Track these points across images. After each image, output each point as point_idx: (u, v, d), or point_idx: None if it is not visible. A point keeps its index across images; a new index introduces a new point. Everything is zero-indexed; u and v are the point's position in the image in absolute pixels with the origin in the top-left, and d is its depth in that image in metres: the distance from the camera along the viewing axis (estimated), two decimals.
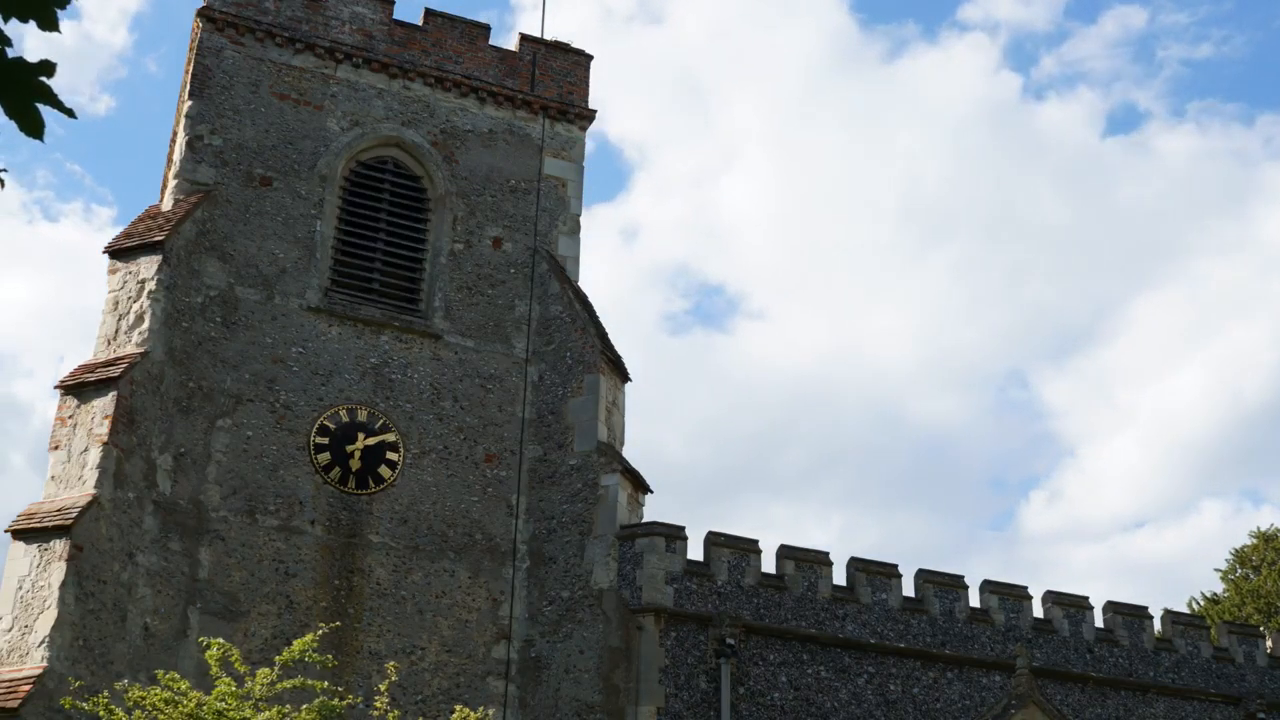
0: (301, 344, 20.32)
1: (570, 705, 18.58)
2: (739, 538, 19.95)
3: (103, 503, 17.11)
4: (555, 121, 23.27)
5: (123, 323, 18.87)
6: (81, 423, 17.79)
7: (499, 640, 19.65)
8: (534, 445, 20.82)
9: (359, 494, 19.83)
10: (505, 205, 22.44)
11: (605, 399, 20.64)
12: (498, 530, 20.28)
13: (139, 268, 19.22)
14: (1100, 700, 21.15)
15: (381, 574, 19.49)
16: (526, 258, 22.15)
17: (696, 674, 18.82)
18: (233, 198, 20.75)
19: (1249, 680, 22.44)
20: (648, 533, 19.35)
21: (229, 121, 21.19)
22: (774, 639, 19.40)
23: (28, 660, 15.93)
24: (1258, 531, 37.61)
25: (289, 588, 18.92)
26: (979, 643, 20.73)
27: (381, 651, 18.75)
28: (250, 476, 19.29)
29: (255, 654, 17.23)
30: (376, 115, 22.24)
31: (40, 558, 16.54)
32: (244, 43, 21.71)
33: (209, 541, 18.69)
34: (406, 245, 21.94)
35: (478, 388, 21.08)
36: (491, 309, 21.67)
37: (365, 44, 22.46)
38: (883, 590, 20.45)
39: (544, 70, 23.53)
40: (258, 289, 20.37)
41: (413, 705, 18.50)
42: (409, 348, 20.95)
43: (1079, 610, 21.81)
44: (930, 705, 19.93)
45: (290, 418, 19.82)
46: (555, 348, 21.40)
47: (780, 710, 19.01)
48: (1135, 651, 21.86)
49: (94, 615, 16.66)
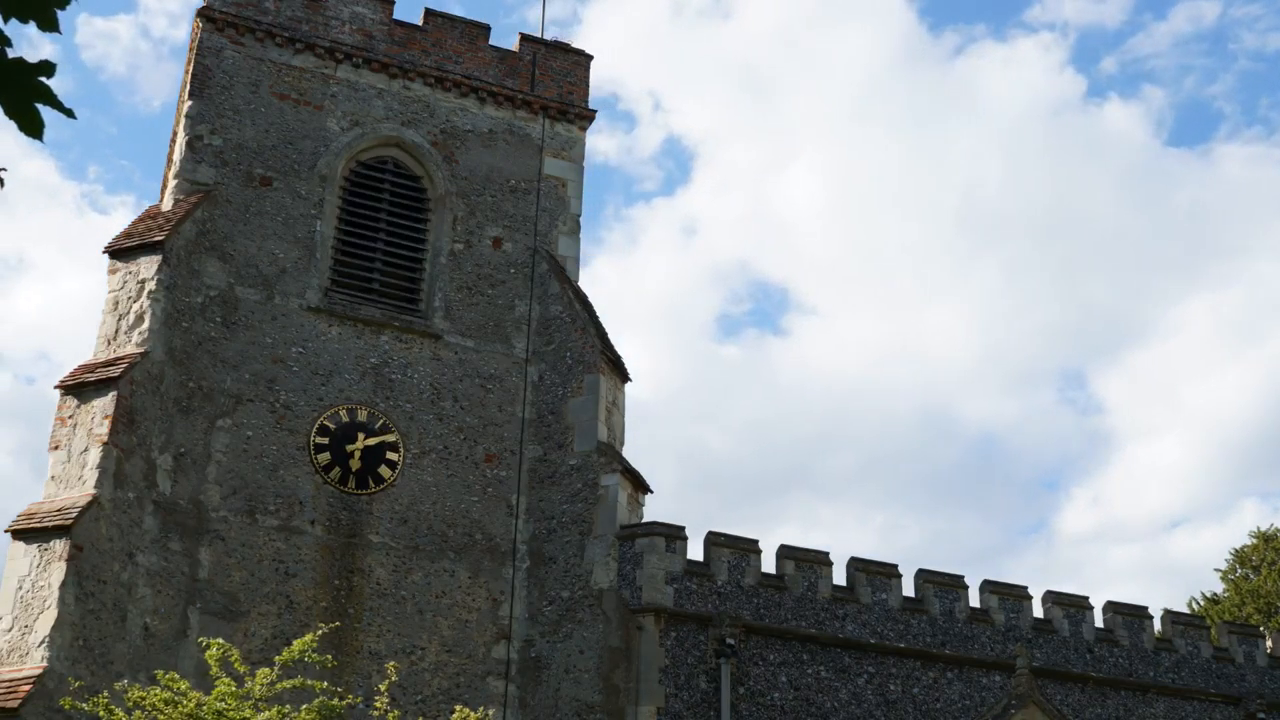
0: (301, 344, 20.32)
1: (570, 705, 18.58)
2: (739, 537, 19.95)
3: (103, 503, 17.11)
4: (555, 121, 23.28)
5: (123, 323, 18.87)
6: (81, 423, 17.79)
7: (499, 640, 19.65)
8: (534, 445, 20.82)
9: (359, 494, 19.84)
10: (505, 205, 22.44)
11: (605, 399, 20.65)
12: (498, 530, 20.28)
13: (139, 268, 19.22)
14: (1100, 700, 21.15)
15: (381, 574, 19.49)
16: (526, 258, 22.15)
17: (696, 674, 18.82)
18: (233, 198, 20.75)
19: (1249, 680, 22.44)
20: (648, 533, 19.34)
21: (229, 121, 21.19)
22: (774, 639, 19.39)
23: (28, 660, 15.93)
24: (1258, 531, 37.60)
25: (289, 588, 18.92)
26: (979, 643, 20.73)
27: (381, 651, 18.75)
28: (250, 476, 19.29)
29: (255, 654, 17.23)
30: (376, 115, 22.24)
31: (40, 558, 16.54)
32: (244, 43, 21.72)
33: (209, 541, 18.69)
34: (406, 245, 21.94)
35: (478, 388, 21.08)
36: (491, 309, 21.68)
37: (365, 44, 22.46)
38: (883, 590, 20.45)
39: (544, 70, 23.54)
40: (258, 289, 20.37)
41: (413, 705, 18.50)
42: (409, 348, 20.95)
43: (1079, 610, 21.81)
44: (930, 705, 19.93)
45: (290, 418, 19.82)
46: (555, 348, 21.41)
47: (780, 710, 19.01)
48: (1135, 651, 21.85)
49: (94, 615, 16.65)
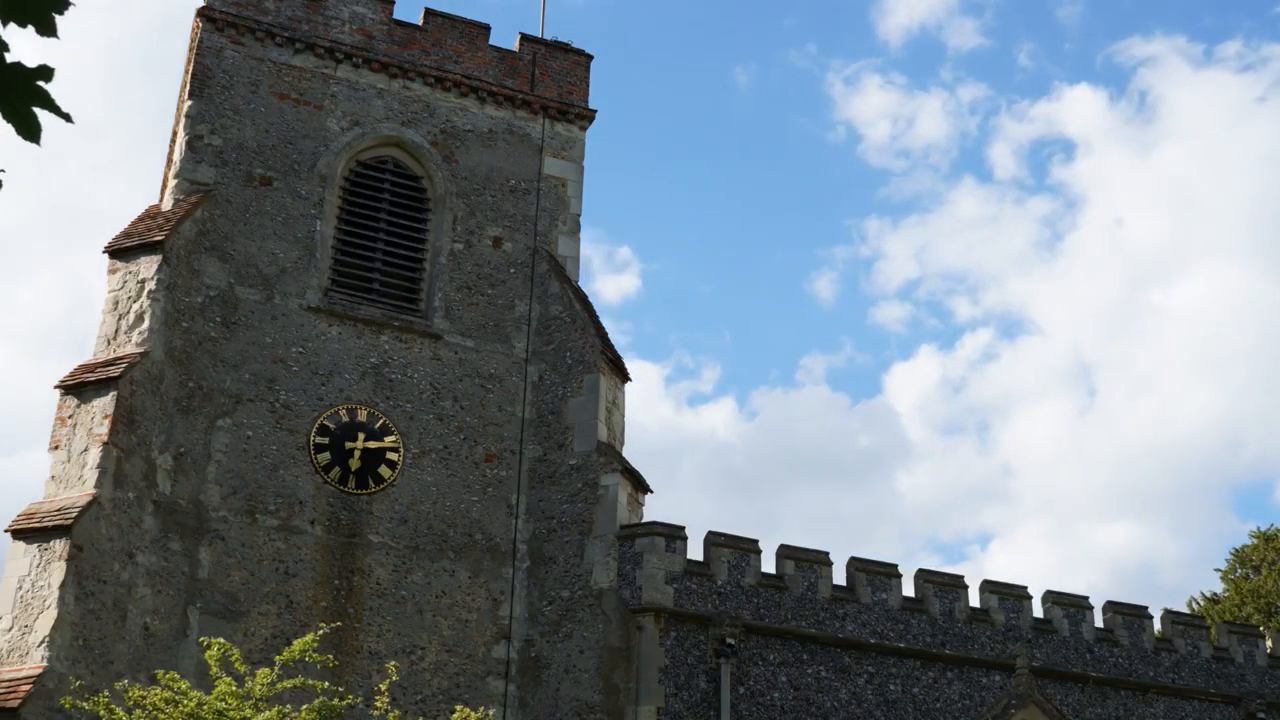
0: (301, 344, 20.32)
1: (570, 705, 18.58)
2: (739, 537, 19.94)
3: (103, 503, 17.11)
4: (555, 121, 23.28)
5: (123, 322, 18.87)
6: (81, 423, 17.79)
7: (499, 640, 19.65)
8: (534, 445, 20.82)
9: (359, 494, 19.84)
10: (505, 205, 22.44)
11: (605, 399, 20.65)
12: (498, 530, 20.28)
13: (139, 268, 19.22)
14: (1100, 700, 21.14)
15: (381, 574, 19.50)
16: (526, 258, 22.15)
17: (696, 674, 18.82)
18: (233, 198, 20.74)
19: (1249, 680, 22.43)
20: (648, 532, 19.34)
21: (229, 121, 21.19)
22: (774, 639, 19.39)
23: (28, 660, 15.94)
24: (1258, 531, 37.52)
25: (289, 588, 18.92)
26: (979, 643, 20.73)
27: (381, 651, 18.76)
28: (250, 476, 19.29)
29: (255, 654, 17.23)
30: (376, 115, 22.24)
31: (40, 558, 16.54)
32: (244, 43, 21.71)
33: (209, 541, 18.69)
34: (406, 245, 21.94)
35: (478, 388, 21.08)
36: (491, 309, 21.67)
37: (365, 44, 22.46)
38: (883, 590, 20.44)
39: (544, 70, 23.53)
40: (258, 289, 20.37)
41: (413, 705, 18.51)
42: (409, 348, 20.95)
43: (1079, 610, 21.80)
44: (930, 705, 19.93)
45: (290, 418, 19.82)
46: (555, 348, 21.40)
47: (780, 710, 19.01)
48: (1135, 651, 21.85)
49: (94, 615, 16.66)
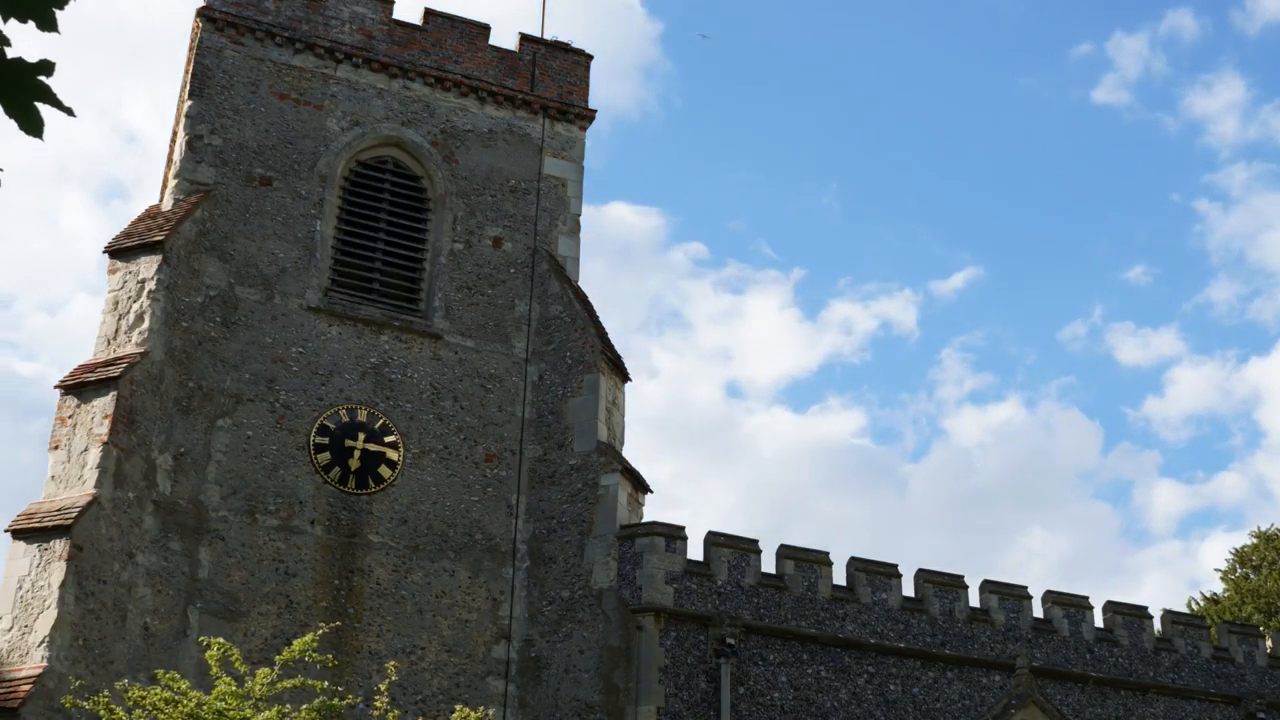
0: (301, 344, 20.32)
1: (570, 705, 18.58)
2: (738, 537, 19.94)
3: (103, 502, 17.11)
4: (555, 121, 23.27)
5: (123, 322, 18.87)
6: (81, 422, 17.79)
7: (499, 640, 19.65)
8: (534, 445, 20.82)
9: (359, 494, 19.84)
10: (505, 205, 22.44)
11: (605, 399, 20.65)
12: (498, 530, 20.28)
13: (139, 268, 19.22)
14: (1100, 700, 21.14)
15: (381, 574, 19.49)
16: (526, 258, 22.14)
17: (696, 674, 18.81)
18: (233, 197, 20.74)
19: (1249, 680, 22.43)
20: (648, 532, 19.33)
21: (229, 121, 21.19)
22: (774, 639, 19.39)
23: (28, 660, 15.93)
24: (1258, 531, 37.53)
25: (289, 588, 18.92)
26: (979, 643, 20.73)
27: (381, 651, 18.75)
28: (250, 476, 19.29)
29: (255, 654, 17.22)
30: (376, 115, 22.24)
31: (40, 557, 16.54)
32: (244, 43, 21.71)
33: (209, 541, 18.69)
34: (406, 245, 21.94)
35: (478, 388, 21.08)
36: (491, 309, 21.67)
37: (365, 44, 22.46)
38: (882, 590, 20.44)
39: (544, 70, 23.53)
40: (258, 289, 20.37)
41: (413, 705, 18.50)
42: (409, 348, 20.95)
43: (1079, 610, 21.80)
44: (930, 705, 19.93)
45: (290, 418, 19.82)
46: (555, 347, 21.41)
47: (780, 710, 19.00)
48: (1135, 651, 21.85)
49: (94, 615, 16.65)
